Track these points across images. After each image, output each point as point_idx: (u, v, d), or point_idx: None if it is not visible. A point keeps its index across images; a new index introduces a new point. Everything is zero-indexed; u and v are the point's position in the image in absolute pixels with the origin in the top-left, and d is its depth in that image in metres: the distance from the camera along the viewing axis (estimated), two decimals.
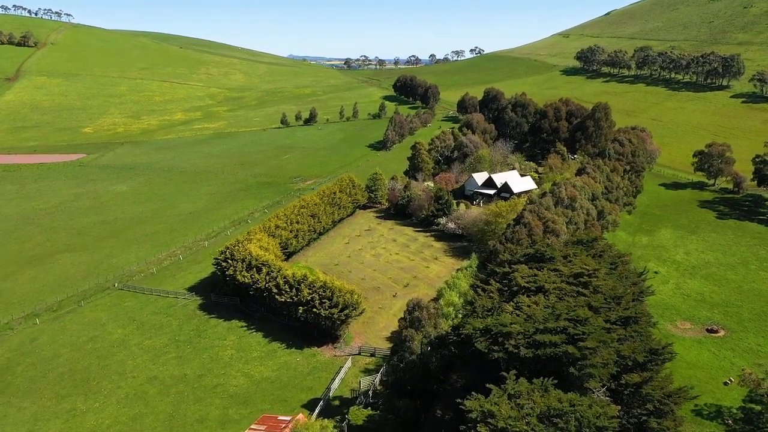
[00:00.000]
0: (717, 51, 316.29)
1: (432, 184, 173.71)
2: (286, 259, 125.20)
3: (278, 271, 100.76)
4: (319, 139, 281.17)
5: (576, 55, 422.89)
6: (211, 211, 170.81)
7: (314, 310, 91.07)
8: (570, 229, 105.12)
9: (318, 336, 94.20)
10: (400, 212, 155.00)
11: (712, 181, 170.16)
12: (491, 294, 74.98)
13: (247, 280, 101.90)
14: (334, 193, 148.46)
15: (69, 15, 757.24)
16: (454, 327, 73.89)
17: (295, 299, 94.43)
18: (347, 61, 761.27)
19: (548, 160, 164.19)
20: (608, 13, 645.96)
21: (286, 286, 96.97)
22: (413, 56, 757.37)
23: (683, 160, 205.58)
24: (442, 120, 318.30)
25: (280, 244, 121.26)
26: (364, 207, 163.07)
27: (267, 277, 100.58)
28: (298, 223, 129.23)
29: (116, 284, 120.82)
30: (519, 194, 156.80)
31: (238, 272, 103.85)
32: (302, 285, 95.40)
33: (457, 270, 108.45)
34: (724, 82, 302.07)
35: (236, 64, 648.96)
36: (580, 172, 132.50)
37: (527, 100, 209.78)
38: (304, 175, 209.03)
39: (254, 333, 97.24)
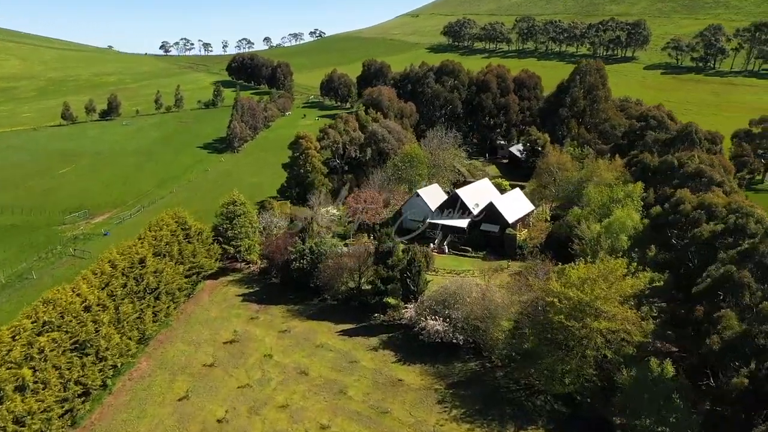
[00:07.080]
0: (617, 18, 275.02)
1: (337, 211, 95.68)
2: None
3: None
4: (125, 140, 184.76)
5: (443, 30, 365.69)
6: None
7: None
8: None
9: None
10: (293, 281, 73.74)
11: (759, 177, 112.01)
12: None
13: None
14: (142, 261, 62.52)
15: None
16: None
17: None
18: (164, 46, 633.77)
19: (546, 158, 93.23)
20: None
21: None
22: (244, 39, 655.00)
23: None
24: (303, 107, 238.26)
25: None
26: (217, 273, 78.85)
27: None
28: (36, 377, 42.50)
29: None
30: (514, 225, 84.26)
31: None
32: None
33: None
34: (629, 53, 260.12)
35: (12, 49, 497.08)
36: (685, 182, 62.57)
37: (456, 65, 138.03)
38: (92, 205, 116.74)
39: None
